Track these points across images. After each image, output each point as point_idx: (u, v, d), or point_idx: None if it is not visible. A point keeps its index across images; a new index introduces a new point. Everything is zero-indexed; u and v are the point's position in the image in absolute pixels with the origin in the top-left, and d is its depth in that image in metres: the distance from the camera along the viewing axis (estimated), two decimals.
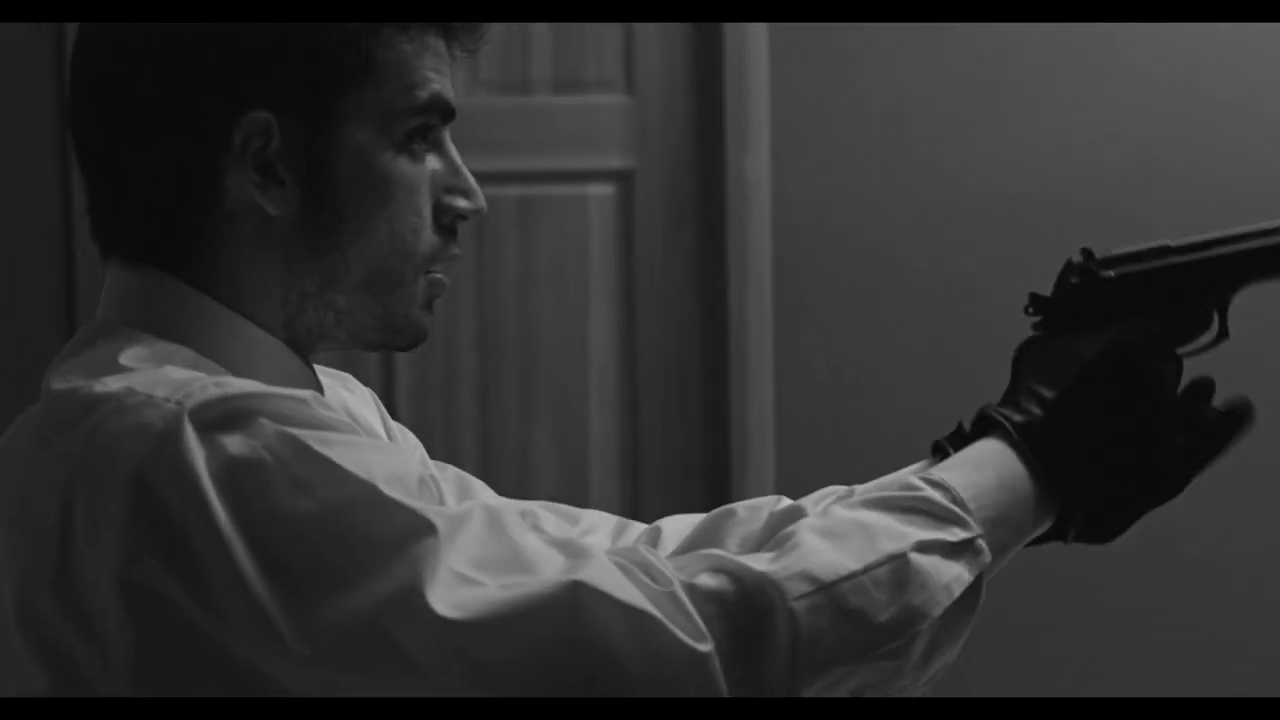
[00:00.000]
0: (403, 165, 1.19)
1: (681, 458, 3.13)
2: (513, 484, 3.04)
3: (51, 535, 1.07)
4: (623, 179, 3.11)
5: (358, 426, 1.14)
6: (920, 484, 1.17)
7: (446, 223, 1.21)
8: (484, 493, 1.42)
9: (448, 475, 1.41)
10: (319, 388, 1.23)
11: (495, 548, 1.06)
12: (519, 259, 3.08)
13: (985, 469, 1.20)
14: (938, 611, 1.13)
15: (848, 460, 2.98)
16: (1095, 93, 3.07)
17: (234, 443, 1.05)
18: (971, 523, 1.16)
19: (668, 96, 3.09)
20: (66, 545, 1.07)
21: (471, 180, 1.22)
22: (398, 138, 1.18)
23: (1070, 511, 1.23)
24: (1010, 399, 1.26)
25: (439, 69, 1.20)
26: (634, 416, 3.13)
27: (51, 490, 1.08)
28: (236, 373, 1.14)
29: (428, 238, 1.20)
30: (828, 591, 1.10)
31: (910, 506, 1.16)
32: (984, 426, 1.25)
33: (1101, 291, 1.30)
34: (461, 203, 1.22)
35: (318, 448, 1.05)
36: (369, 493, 1.05)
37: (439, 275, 1.23)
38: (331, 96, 1.16)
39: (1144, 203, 3.06)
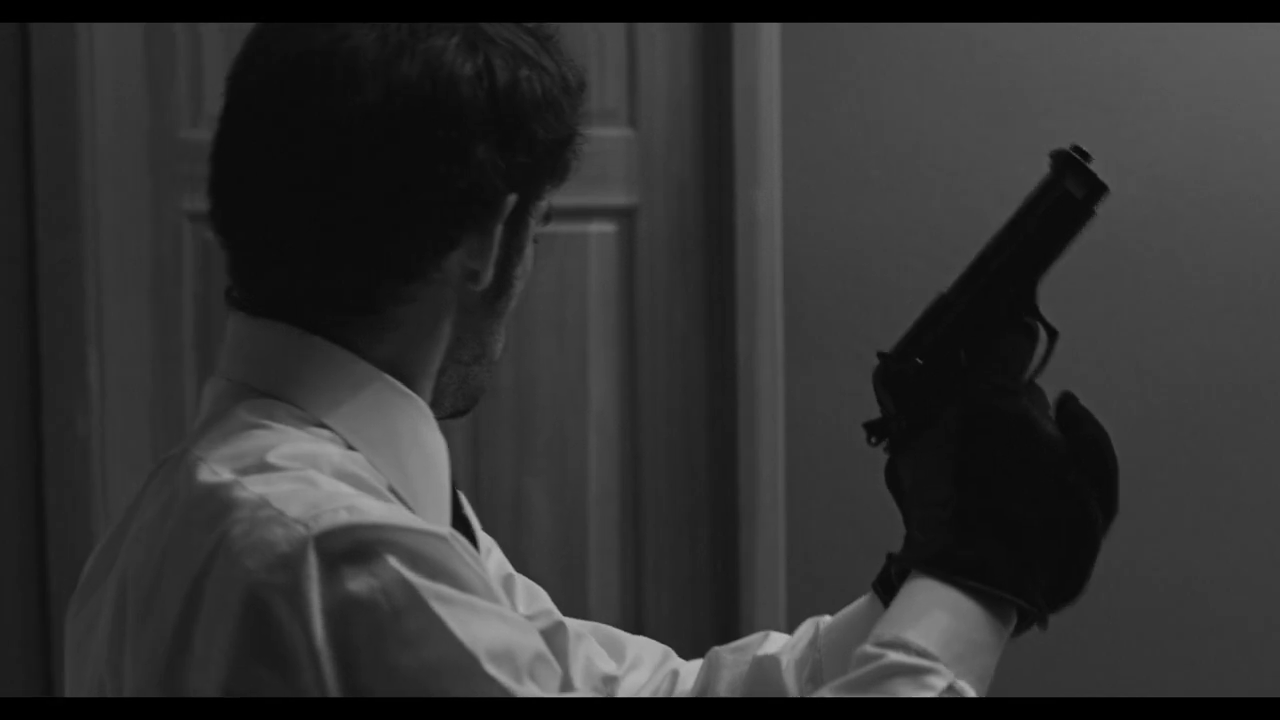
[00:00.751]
0: None
1: (687, 509, 3.00)
2: (507, 538, 2.89)
3: (169, 632, 1.09)
4: (625, 216, 2.98)
5: (486, 575, 1.13)
6: (878, 651, 1.16)
7: None
8: (547, 602, 1.44)
9: (517, 583, 1.42)
10: (449, 459, 1.25)
11: None
12: (515, 299, 2.93)
13: (927, 608, 1.19)
14: None
15: (863, 513, 2.86)
16: (1123, 123, 2.96)
17: (354, 580, 1.05)
18: (942, 667, 1.15)
19: (673, 129, 2.98)
20: (181, 645, 1.09)
21: None
22: None
23: (1026, 600, 1.21)
24: (910, 531, 1.25)
25: None
26: (636, 465, 3.00)
27: (178, 587, 1.10)
28: (383, 461, 1.17)
29: None
30: None
31: (881, 677, 1.15)
32: (904, 566, 1.24)
33: (919, 380, 1.29)
34: None
35: (433, 604, 1.06)
36: (469, 665, 1.06)
37: None
38: (544, 189, 1.22)
39: (1176, 233, 2.97)
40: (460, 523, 1.28)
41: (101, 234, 2.80)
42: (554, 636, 1.42)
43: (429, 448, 1.22)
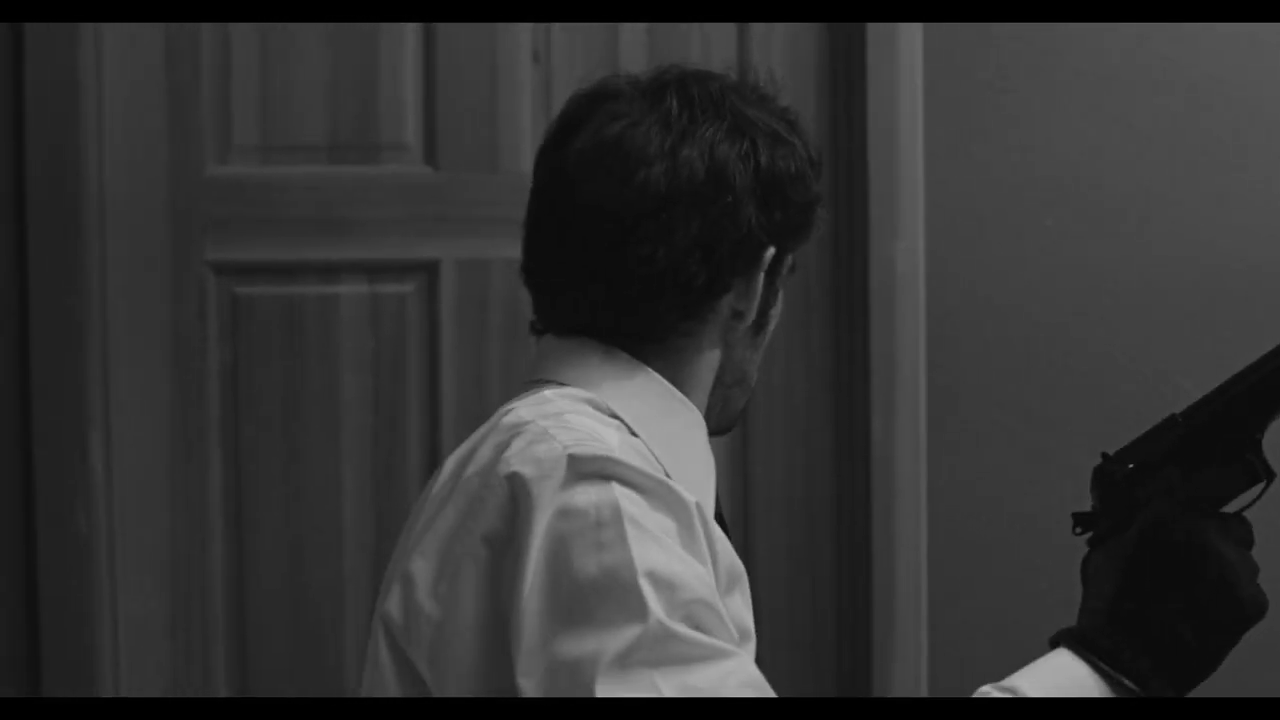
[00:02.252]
0: None
1: (809, 625, 2.71)
2: None
3: (454, 515, 1.44)
4: None
5: (709, 551, 1.42)
6: (990, 690, 1.43)
7: None
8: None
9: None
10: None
11: (711, 689, 1.35)
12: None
13: (1055, 673, 1.44)
14: None
15: (1017, 620, 2.63)
16: None
17: (582, 493, 1.38)
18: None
19: None
20: (459, 526, 1.43)
21: None
22: None
23: (1143, 689, 1.44)
24: (1079, 618, 1.48)
25: None
26: (750, 568, 2.58)
27: (468, 482, 1.44)
28: (662, 453, 1.49)
29: None
30: None
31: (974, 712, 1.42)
32: (1053, 642, 1.49)
33: (1124, 484, 1.47)
34: None
35: (627, 524, 1.37)
36: (629, 575, 1.35)
37: None
38: (794, 244, 1.56)
39: None
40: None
41: (108, 292, 2.56)
42: None
43: (700, 451, 1.53)
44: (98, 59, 2.51)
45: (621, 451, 1.42)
